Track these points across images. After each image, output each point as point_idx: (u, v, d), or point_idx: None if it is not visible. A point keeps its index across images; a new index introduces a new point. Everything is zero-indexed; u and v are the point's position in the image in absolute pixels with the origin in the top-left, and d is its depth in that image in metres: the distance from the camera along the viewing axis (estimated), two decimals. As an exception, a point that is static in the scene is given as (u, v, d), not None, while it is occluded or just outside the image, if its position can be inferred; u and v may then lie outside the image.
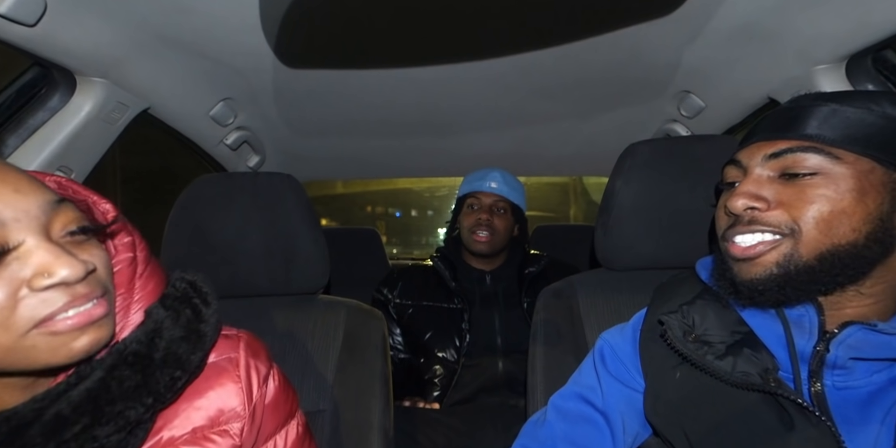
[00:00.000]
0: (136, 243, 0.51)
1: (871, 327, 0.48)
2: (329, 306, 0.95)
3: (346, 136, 1.56)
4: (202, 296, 0.53)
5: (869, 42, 0.79)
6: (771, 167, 0.53)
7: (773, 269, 0.50)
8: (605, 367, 0.67)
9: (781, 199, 0.51)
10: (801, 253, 0.49)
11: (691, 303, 0.60)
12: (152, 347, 0.46)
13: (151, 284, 0.51)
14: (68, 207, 0.42)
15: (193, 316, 0.51)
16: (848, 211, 0.48)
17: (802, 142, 0.51)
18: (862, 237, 0.48)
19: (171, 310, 0.50)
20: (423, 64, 1.12)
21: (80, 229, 0.42)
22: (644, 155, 0.87)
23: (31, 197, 0.39)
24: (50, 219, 0.40)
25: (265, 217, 0.90)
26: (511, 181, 1.41)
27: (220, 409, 0.53)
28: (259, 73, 1.12)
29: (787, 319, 0.53)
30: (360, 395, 0.84)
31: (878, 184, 0.49)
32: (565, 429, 0.65)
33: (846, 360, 0.50)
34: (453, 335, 1.30)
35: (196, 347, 0.49)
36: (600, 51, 1.07)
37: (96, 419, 0.42)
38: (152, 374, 0.45)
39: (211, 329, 0.51)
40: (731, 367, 0.53)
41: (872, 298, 0.51)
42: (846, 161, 0.49)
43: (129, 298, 0.49)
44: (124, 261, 0.49)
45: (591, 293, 0.90)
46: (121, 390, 0.43)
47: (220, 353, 0.56)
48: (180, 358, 0.48)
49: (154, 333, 0.47)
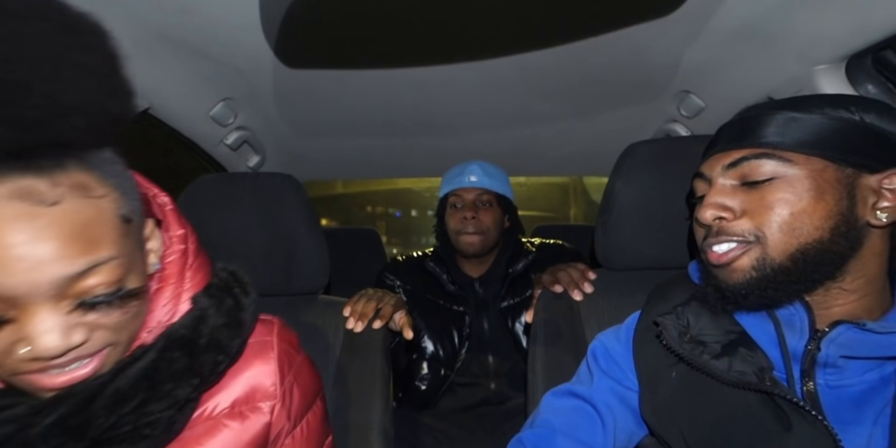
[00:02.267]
0: (188, 236, 0.55)
1: (861, 326, 0.49)
2: (329, 306, 0.95)
3: (346, 136, 1.56)
4: (242, 286, 0.57)
5: (869, 42, 0.79)
6: (731, 176, 0.56)
7: (752, 273, 0.53)
8: (597, 365, 0.68)
9: (745, 207, 0.54)
10: (772, 256, 0.52)
11: (686, 304, 0.61)
12: (197, 333, 0.50)
13: (200, 275, 0.54)
14: (96, 274, 0.41)
15: (234, 304, 0.54)
16: (808, 210, 0.51)
17: (755, 149, 0.54)
18: (826, 233, 0.50)
19: (214, 298, 0.53)
20: (423, 64, 1.12)
21: (91, 302, 0.41)
22: (644, 155, 0.87)
23: (49, 275, 0.38)
24: (63, 291, 0.40)
25: (265, 217, 0.90)
26: (491, 171, 1.34)
27: (256, 387, 0.57)
28: (259, 73, 1.12)
29: (779, 319, 0.54)
30: (360, 395, 0.84)
31: (833, 181, 0.51)
32: (556, 421, 0.66)
33: (837, 358, 0.50)
34: (452, 336, 1.28)
35: (236, 334, 0.53)
36: (600, 51, 1.07)
37: (151, 396, 0.46)
38: (197, 357, 0.49)
39: (249, 317, 0.55)
40: (727, 366, 0.53)
41: (856, 294, 0.52)
42: (798, 163, 0.52)
43: (180, 287, 0.52)
44: (177, 252, 0.53)
45: (592, 293, 0.90)
46: (170, 371, 0.47)
47: (256, 335, 0.59)
48: (222, 343, 0.51)
49: (199, 320, 0.51)
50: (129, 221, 0.44)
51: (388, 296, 1.00)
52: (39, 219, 0.37)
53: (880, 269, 0.53)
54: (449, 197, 1.35)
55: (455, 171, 1.36)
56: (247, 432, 0.55)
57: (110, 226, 0.42)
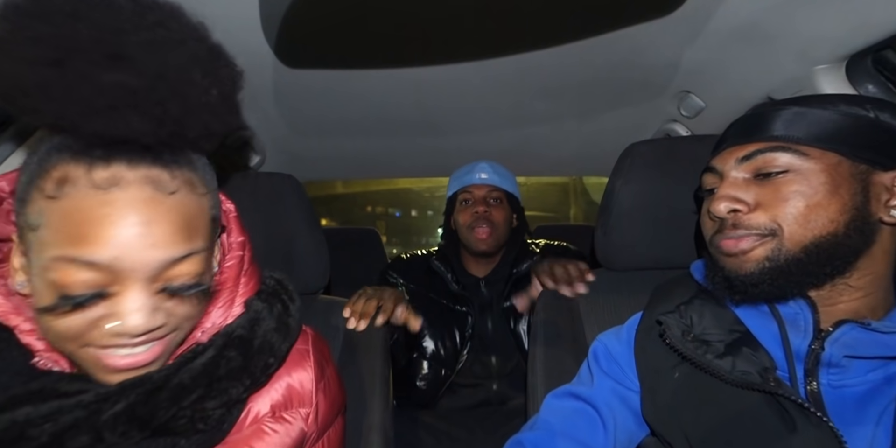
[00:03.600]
0: (246, 243, 0.57)
1: (865, 326, 0.49)
2: (329, 306, 0.95)
3: (346, 136, 1.55)
4: (288, 293, 0.59)
5: (869, 42, 0.79)
6: (745, 169, 0.56)
7: (765, 263, 0.52)
8: (598, 366, 0.68)
9: (760, 199, 0.54)
10: (787, 247, 0.52)
11: (688, 303, 0.61)
12: (253, 334, 0.52)
13: (253, 281, 0.57)
14: (187, 262, 0.45)
15: (283, 310, 0.57)
16: (823, 203, 0.51)
17: (770, 142, 0.54)
18: (841, 227, 0.50)
19: (265, 303, 0.56)
20: (423, 64, 1.12)
21: (173, 289, 0.45)
22: (644, 155, 0.87)
23: (158, 254, 0.43)
24: (160, 273, 0.44)
25: (265, 217, 0.90)
26: (500, 170, 1.35)
27: (294, 392, 0.58)
28: (259, 73, 1.12)
29: (783, 318, 0.54)
30: (360, 395, 0.84)
31: (848, 175, 0.51)
32: (556, 422, 0.66)
33: (841, 357, 0.50)
34: (454, 336, 1.27)
35: (286, 338, 0.55)
36: (600, 51, 1.07)
37: (208, 392, 0.48)
38: (251, 358, 0.51)
39: (296, 323, 0.58)
40: (730, 366, 0.53)
41: (862, 292, 0.52)
42: (814, 157, 0.52)
43: (235, 292, 0.55)
44: (236, 258, 0.55)
45: (591, 293, 0.90)
46: (227, 369, 0.50)
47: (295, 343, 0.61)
48: (273, 346, 0.54)
49: (254, 323, 0.53)
50: (215, 221, 0.49)
51: (388, 292, 0.99)
52: (161, 205, 0.43)
53: (887, 268, 0.53)
54: (459, 194, 1.34)
55: (464, 169, 1.37)
56: (289, 436, 0.56)
57: (206, 221, 0.47)
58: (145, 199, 0.42)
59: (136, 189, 0.42)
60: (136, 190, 0.42)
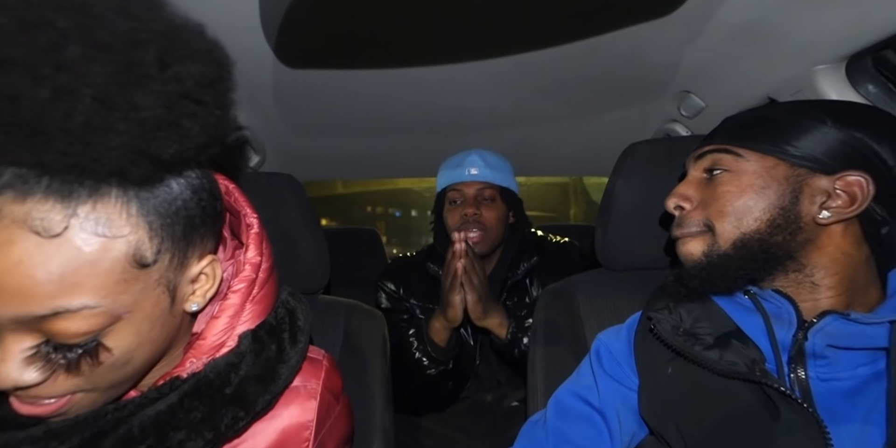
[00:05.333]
0: (263, 264, 0.51)
1: (846, 317, 0.51)
2: (329, 306, 0.94)
3: (346, 136, 1.55)
4: (293, 331, 0.52)
5: (869, 42, 0.79)
6: (699, 168, 0.62)
7: (703, 259, 0.58)
8: (601, 367, 0.68)
9: (702, 197, 0.60)
10: (719, 244, 0.57)
11: (678, 300, 0.62)
12: (226, 381, 0.46)
13: (260, 307, 0.50)
14: (64, 320, 0.37)
15: (275, 354, 0.50)
16: (749, 203, 0.55)
17: (718, 145, 0.59)
18: (764, 225, 0.55)
19: (258, 343, 0.49)
20: (423, 64, 1.12)
21: (55, 345, 0.38)
22: (644, 155, 0.87)
23: (9, 308, 0.36)
24: (27, 326, 0.37)
25: (265, 217, 0.89)
26: (493, 161, 1.21)
27: (288, 437, 0.51)
28: (259, 72, 1.12)
29: (767, 313, 0.56)
30: (360, 395, 0.84)
31: (781, 178, 0.55)
32: (563, 428, 0.66)
33: (825, 348, 0.51)
34: (465, 346, 1.21)
35: (266, 389, 0.48)
36: (600, 51, 1.07)
37: (159, 442, 0.43)
38: (218, 410, 0.45)
39: (288, 371, 0.50)
40: (718, 357, 0.55)
41: (833, 291, 0.54)
42: (750, 159, 0.57)
43: (236, 320, 0.48)
44: (246, 280, 0.49)
45: (591, 293, 0.90)
46: (186, 420, 0.44)
47: (303, 378, 0.54)
48: (247, 398, 0.47)
49: (232, 367, 0.47)
50: (145, 266, 0.39)
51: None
52: (31, 249, 0.35)
53: (856, 268, 0.54)
54: (447, 191, 1.22)
55: (453, 161, 1.23)
56: None
57: (107, 271, 0.37)
58: (11, 240, 0.35)
59: (7, 227, 0.35)
60: (7, 228, 0.35)
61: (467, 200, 1.19)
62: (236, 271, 0.50)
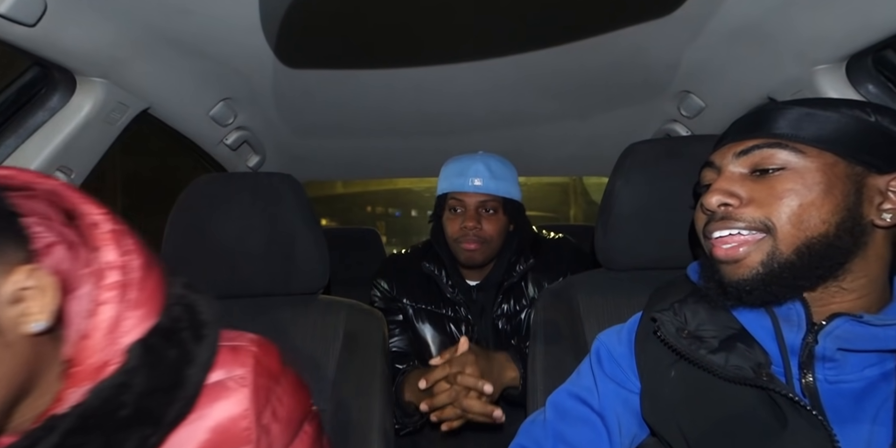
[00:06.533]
0: (133, 261, 0.44)
1: (858, 319, 0.49)
2: (329, 306, 0.95)
3: (346, 136, 1.55)
4: (196, 326, 0.47)
5: (869, 42, 0.79)
6: (742, 164, 0.55)
7: (759, 269, 0.52)
8: (601, 369, 0.68)
9: (753, 195, 0.53)
10: (781, 250, 0.51)
11: (683, 301, 0.61)
12: (118, 404, 0.40)
13: (143, 311, 0.44)
14: None
15: (178, 358, 0.44)
16: (816, 203, 0.50)
17: (769, 139, 0.54)
18: (832, 228, 0.50)
19: (152, 353, 0.43)
20: (423, 64, 1.12)
21: None
22: (644, 155, 0.87)
23: None
24: None
25: (265, 217, 0.90)
26: (498, 170, 1.16)
27: (224, 434, 0.47)
28: (259, 73, 1.12)
29: (776, 315, 0.54)
30: (360, 395, 0.84)
31: (843, 176, 0.51)
32: (562, 429, 0.66)
33: (835, 351, 0.50)
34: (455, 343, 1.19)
35: (175, 398, 0.43)
36: (600, 51, 1.07)
37: None
38: (116, 436, 0.40)
39: (198, 370, 0.45)
40: (723, 361, 0.53)
41: (855, 294, 0.52)
42: (810, 155, 0.52)
43: (115, 335, 0.42)
44: (114, 287, 0.42)
45: (591, 293, 0.89)
46: None
47: (226, 369, 0.49)
48: (152, 413, 0.42)
49: (121, 388, 0.41)
50: None
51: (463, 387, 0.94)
52: None
53: (881, 271, 0.53)
54: (448, 199, 1.18)
55: (457, 167, 1.18)
56: None
57: None
58: None
59: None
60: None
61: (468, 211, 1.15)
62: (98, 281, 0.43)
